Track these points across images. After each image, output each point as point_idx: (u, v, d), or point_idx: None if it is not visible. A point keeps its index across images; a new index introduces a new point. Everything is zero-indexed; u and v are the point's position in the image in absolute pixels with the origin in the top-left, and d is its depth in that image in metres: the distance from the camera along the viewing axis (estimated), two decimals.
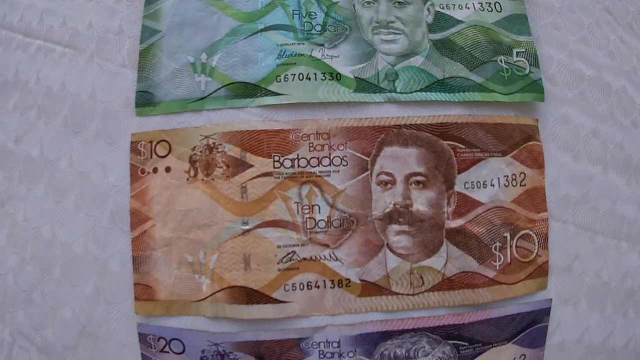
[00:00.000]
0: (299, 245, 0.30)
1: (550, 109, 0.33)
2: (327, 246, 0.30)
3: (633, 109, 0.35)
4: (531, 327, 0.33)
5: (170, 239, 0.30)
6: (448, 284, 0.31)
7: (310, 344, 0.31)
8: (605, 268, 0.34)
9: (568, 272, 0.33)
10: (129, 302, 0.32)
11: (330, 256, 0.30)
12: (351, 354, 0.31)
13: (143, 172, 0.31)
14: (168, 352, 0.32)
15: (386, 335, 0.31)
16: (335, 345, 0.31)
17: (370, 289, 0.30)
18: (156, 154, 0.31)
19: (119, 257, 0.32)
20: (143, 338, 0.32)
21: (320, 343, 0.31)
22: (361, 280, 0.30)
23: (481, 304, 0.32)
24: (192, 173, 0.30)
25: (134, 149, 0.31)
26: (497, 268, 0.31)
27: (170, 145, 0.31)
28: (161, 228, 0.30)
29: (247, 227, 0.30)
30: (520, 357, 0.33)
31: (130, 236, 0.31)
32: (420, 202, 0.30)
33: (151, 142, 0.31)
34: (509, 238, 0.31)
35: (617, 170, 0.34)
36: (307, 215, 0.30)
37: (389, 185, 0.30)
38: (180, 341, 0.32)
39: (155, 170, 0.31)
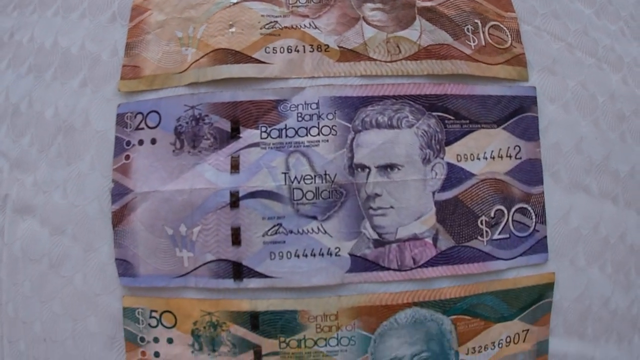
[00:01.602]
0: (280, 17, 0.32)
1: None
2: (307, 16, 0.32)
3: None
4: (519, 114, 0.32)
5: (164, 21, 0.33)
6: (424, 53, 0.31)
7: (288, 106, 0.30)
8: (591, 82, 0.34)
9: (550, 73, 0.33)
10: (113, 86, 0.33)
11: (310, 24, 0.32)
12: (330, 116, 0.30)
13: None
14: (143, 128, 0.31)
15: (366, 101, 0.30)
16: (314, 106, 0.30)
17: (348, 54, 0.31)
18: None
19: (112, 47, 0.34)
20: (120, 118, 0.32)
21: (298, 105, 0.30)
22: (339, 47, 0.31)
23: (461, 75, 0.31)
24: None
25: None
26: (473, 47, 0.32)
27: None
28: (157, 14, 0.33)
29: (235, 1, 0.32)
30: (514, 148, 0.31)
31: (127, 27, 0.34)
32: None
33: None
34: (480, 24, 0.33)
35: (582, 1, 0.36)
36: None
37: None
38: (157, 112, 0.31)
39: None
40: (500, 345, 0.32)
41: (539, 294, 0.32)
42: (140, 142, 0.31)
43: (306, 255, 0.29)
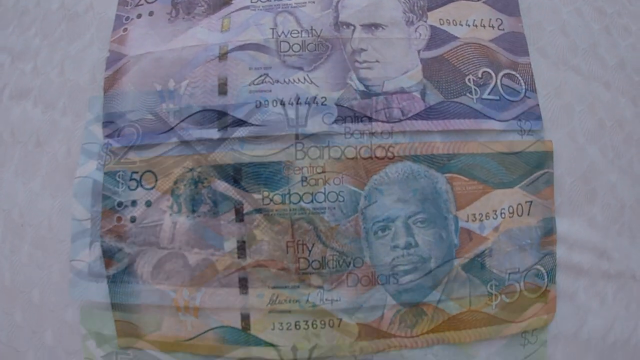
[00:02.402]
0: None
1: None
2: None
3: None
4: None
5: None
6: None
7: None
8: None
9: None
10: None
11: None
12: None
13: None
14: (142, 4, 0.33)
15: None
16: None
17: None
18: None
19: None
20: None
21: None
22: None
23: None
24: None
25: None
26: None
27: None
28: None
29: None
30: (496, 20, 0.32)
31: None
32: None
33: None
34: None
35: None
36: None
37: None
38: None
39: None
40: (502, 215, 0.29)
41: (537, 161, 0.30)
42: (139, 16, 0.32)
43: (292, 104, 0.29)
